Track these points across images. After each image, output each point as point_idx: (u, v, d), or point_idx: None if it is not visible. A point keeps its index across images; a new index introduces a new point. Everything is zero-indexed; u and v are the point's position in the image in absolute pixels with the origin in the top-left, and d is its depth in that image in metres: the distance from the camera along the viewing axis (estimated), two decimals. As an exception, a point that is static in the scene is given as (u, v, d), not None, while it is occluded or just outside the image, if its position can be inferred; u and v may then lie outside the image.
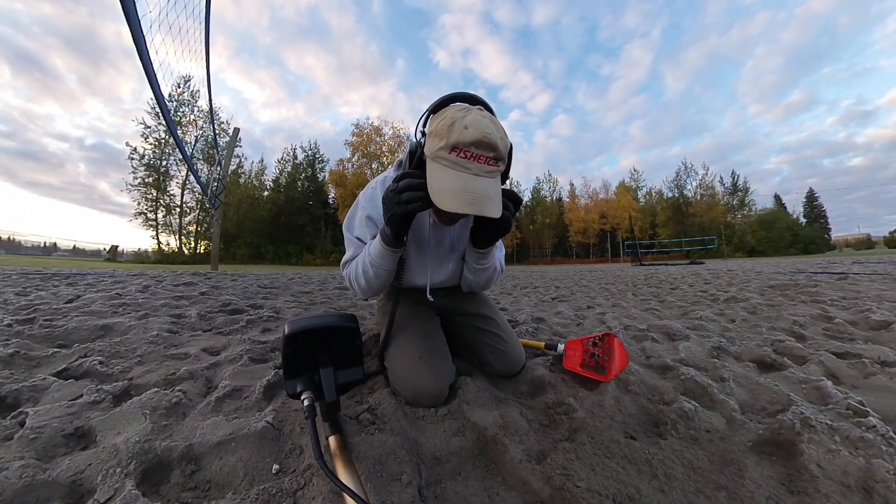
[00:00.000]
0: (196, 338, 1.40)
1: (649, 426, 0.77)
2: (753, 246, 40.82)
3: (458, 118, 0.73)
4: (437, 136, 0.75)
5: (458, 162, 0.73)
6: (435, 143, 0.75)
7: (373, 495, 0.53)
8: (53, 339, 1.28)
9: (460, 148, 0.72)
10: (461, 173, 0.73)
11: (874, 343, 1.31)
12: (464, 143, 0.71)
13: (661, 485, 0.57)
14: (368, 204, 0.99)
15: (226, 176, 10.67)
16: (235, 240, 35.52)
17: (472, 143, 0.71)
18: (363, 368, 0.72)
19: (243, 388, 0.89)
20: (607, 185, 51.26)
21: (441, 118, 0.76)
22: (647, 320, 1.89)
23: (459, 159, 0.72)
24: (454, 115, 0.74)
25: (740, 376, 0.99)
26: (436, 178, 0.75)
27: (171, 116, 4.81)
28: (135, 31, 2.85)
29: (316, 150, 43.85)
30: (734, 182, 46.80)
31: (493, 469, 0.63)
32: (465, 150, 0.72)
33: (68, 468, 0.56)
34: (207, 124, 30.83)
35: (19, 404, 0.79)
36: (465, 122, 0.72)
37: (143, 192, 32.34)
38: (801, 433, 0.65)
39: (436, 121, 0.78)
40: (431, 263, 1.03)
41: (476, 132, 0.71)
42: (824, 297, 2.45)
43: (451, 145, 0.72)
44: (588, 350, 1.01)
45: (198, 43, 5.68)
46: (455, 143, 0.71)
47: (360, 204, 1.02)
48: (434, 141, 0.75)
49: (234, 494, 0.54)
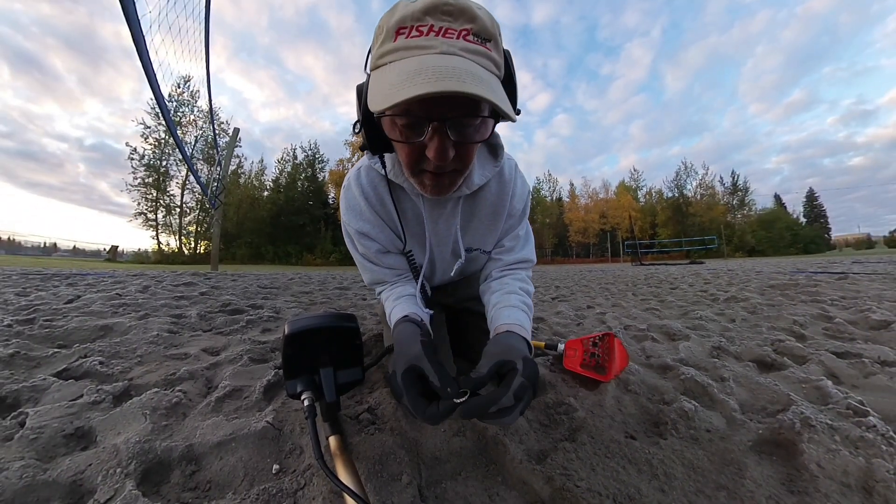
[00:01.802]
0: (196, 338, 1.40)
1: (649, 426, 0.77)
2: (753, 246, 40.85)
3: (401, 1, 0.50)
4: (376, 38, 0.53)
5: (408, 44, 0.48)
6: (375, 50, 0.53)
7: (373, 495, 0.53)
8: (53, 340, 1.28)
9: (409, 24, 0.48)
10: (417, 56, 0.48)
11: (874, 343, 1.31)
12: (412, 16, 0.48)
13: (661, 484, 0.57)
14: (351, 217, 0.82)
15: (226, 176, 10.67)
16: (235, 240, 35.57)
17: (425, 10, 0.47)
18: (363, 368, 0.72)
19: (243, 389, 0.89)
20: (607, 185, 51.44)
21: (377, 28, 0.54)
22: (647, 320, 1.89)
23: (409, 40, 0.48)
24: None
25: (740, 376, 0.99)
26: (376, 82, 0.51)
27: (170, 116, 4.81)
28: (134, 31, 2.85)
29: (316, 150, 43.96)
30: (734, 182, 46.88)
31: (493, 469, 0.63)
32: (416, 26, 0.48)
33: (68, 468, 0.56)
34: (207, 124, 30.87)
35: (19, 404, 0.79)
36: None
37: (143, 192, 32.42)
38: (801, 433, 0.65)
39: (374, 39, 0.55)
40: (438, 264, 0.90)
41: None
42: (824, 296, 2.45)
43: (395, 27, 0.49)
44: (588, 350, 1.01)
45: (198, 43, 5.69)
46: (399, 22, 0.48)
47: (343, 218, 0.85)
48: (375, 49, 0.53)
49: (235, 494, 0.54)
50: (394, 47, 0.49)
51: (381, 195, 0.79)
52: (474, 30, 0.49)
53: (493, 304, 0.81)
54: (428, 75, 0.44)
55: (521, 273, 0.90)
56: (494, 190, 0.82)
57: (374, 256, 0.85)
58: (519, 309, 0.77)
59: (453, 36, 0.48)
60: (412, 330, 0.67)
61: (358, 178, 0.79)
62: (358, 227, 0.81)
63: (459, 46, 0.48)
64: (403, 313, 0.76)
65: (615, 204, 46.41)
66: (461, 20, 0.48)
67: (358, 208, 0.80)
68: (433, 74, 0.44)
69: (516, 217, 0.88)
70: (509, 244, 0.90)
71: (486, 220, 0.85)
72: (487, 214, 0.84)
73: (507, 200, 0.84)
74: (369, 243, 0.82)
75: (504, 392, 0.50)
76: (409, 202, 0.79)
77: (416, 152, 0.56)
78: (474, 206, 0.82)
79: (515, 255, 0.90)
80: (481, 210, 0.83)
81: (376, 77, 0.52)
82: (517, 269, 0.90)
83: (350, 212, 0.81)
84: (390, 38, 0.49)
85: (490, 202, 0.83)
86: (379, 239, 0.83)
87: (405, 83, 0.45)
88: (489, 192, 0.82)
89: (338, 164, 36.32)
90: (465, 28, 0.48)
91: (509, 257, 0.90)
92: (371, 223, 0.81)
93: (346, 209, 0.82)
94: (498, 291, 0.83)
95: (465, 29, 0.48)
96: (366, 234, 0.81)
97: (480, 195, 0.81)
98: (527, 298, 0.83)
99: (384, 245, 0.84)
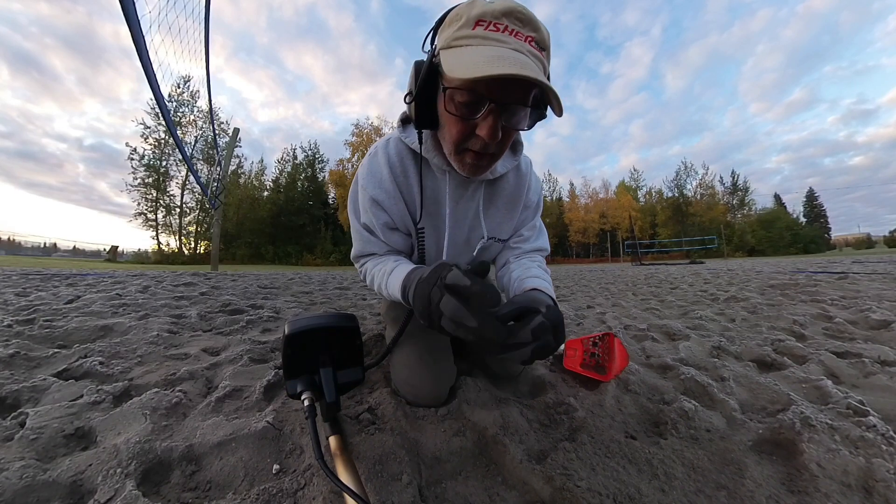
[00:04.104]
0: (196, 338, 1.40)
1: (649, 426, 0.77)
2: (753, 245, 40.86)
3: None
4: (452, 22, 0.59)
5: (487, 35, 0.55)
6: (448, 32, 0.59)
7: (373, 495, 0.53)
8: (53, 340, 1.28)
9: (487, 20, 0.55)
10: (494, 46, 0.55)
11: (874, 342, 1.31)
12: (492, 13, 0.55)
13: (661, 484, 0.57)
14: (370, 182, 0.81)
15: (225, 176, 10.67)
16: (235, 240, 35.58)
17: (503, 12, 0.55)
18: (364, 368, 0.72)
19: (243, 389, 0.89)
20: (607, 185, 51.45)
21: (452, 14, 0.60)
22: (647, 320, 1.89)
23: (489, 32, 0.55)
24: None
25: (740, 376, 0.99)
26: (455, 57, 0.57)
27: (170, 117, 4.80)
28: (134, 31, 2.85)
29: (315, 150, 43.99)
30: (734, 181, 46.91)
31: (493, 469, 0.63)
32: (494, 22, 0.55)
33: (69, 469, 0.56)
34: (207, 124, 30.87)
35: (19, 405, 0.79)
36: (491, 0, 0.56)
37: (143, 192, 32.43)
38: (801, 432, 0.65)
39: (446, 22, 0.62)
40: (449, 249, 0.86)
41: (508, 3, 0.56)
42: (824, 296, 2.44)
43: (475, 18, 0.56)
44: (588, 350, 1.01)
45: (197, 43, 5.69)
46: (480, 16, 0.56)
47: (360, 182, 0.84)
48: (446, 31, 0.59)
49: (235, 495, 0.54)
50: (473, 34, 0.56)
51: (406, 167, 0.81)
52: (536, 38, 0.58)
53: (514, 279, 0.84)
54: (510, 61, 0.52)
55: (538, 257, 0.96)
56: (512, 181, 0.89)
57: (377, 229, 0.83)
58: (542, 279, 0.80)
59: (522, 39, 0.56)
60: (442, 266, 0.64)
61: (386, 147, 0.81)
62: (373, 195, 0.80)
63: (526, 49, 0.56)
64: (413, 266, 0.75)
65: (615, 204, 46.42)
66: (528, 28, 0.57)
67: (379, 175, 0.80)
68: (514, 62, 0.52)
69: (531, 209, 0.96)
70: (527, 234, 0.97)
71: (504, 209, 0.90)
72: (505, 203, 0.90)
73: (524, 192, 0.91)
74: (379, 213, 0.81)
75: (522, 326, 0.52)
76: (433, 179, 0.82)
77: (467, 129, 0.62)
78: (493, 193, 0.88)
79: (532, 243, 0.97)
80: (500, 198, 0.89)
81: (454, 53, 0.58)
82: (534, 255, 0.97)
83: (370, 177, 0.81)
84: (469, 25, 0.56)
85: (508, 192, 0.89)
86: (390, 211, 0.82)
87: (490, 62, 0.52)
88: (507, 183, 0.89)
89: (338, 164, 36.27)
90: (531, 35, 0.57)
91: (527, 245, 0.97)
92: (388, 193, 0.80)
93: (367, 174, 0.82)
94: (518, 269, 0.87)
95: (531, 36, 0.57)
96: (379, 202, 0.81)
97: (499, 184, 0.88)
98: (547, 276, 0.85)
99: (392, 219, 0.83)
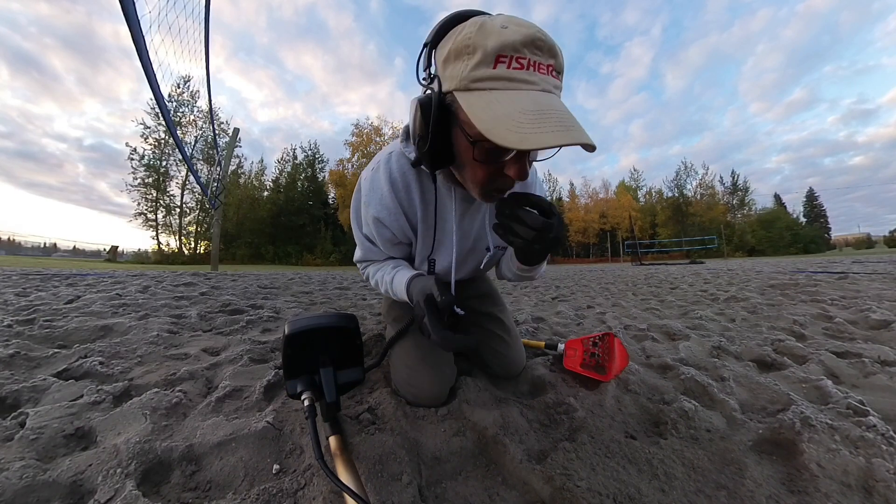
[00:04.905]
0: (196, 338, 1.40)
1: (649, 426, 0.77)
2: (753, 245, 40.85)
3: (486, 21, 0.51)
4: (461, 54, 0.51)
5: (513, 76, 0.48)
6: (461, 67, 0.51)
7: (373, 495, 0.53)
8: (53, 340, 1.28)
9: (509, 54, 0.48)
10: (524, 91, 0.49)
11: (874, 342, 1.31)
12: (512, 46, 0.48)
13: (661, 484, 0.57)
14: (371, 199, 0.80)
15: (225, 176, 10.68)
16: (235, 240, 35.56)
17: (523, 43, 0.48)
18: (363, 368, 0.72)
19: (243, 389, 0.89)
20: (607, 185, 51.47)
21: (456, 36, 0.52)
22: (647, 320, 1.89)
23: (514, 72, 0.48)
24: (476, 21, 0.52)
25: (740, 376, 0.99)
26: (486, 110, 0.49)
27: (170, 117, 4.80)
28: (134, 31, 2.85)
29: (315, 150, 43.97)
30: (734, 181, 46.90)
31: (493, 469, 0.63)
32: (517, 58, 0.48)
33: (69, 469, 0.56)
34: (207, 124, 30.87)
35: (20, 405, 0.79)
36: (498, 22, 0.50)
37: (143, 192, 32.41)
38: (801, 432, 0.65)
39: (447, 44, 0.54)
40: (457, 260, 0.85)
41: (524, 29, 0.49)
42: (824, 296, 2.44)
43: (495, 53, 0.48)
44: (588, 350, 1.01)
45: (197, 43, 5.69)
46: (499, 50, 0.48)
47: (362, 197, 0.83)
48: (458, 66, 0.52)
49: (235, 495, 0.54)
50: (496, 74, 0.49)
51: (408, 182, 0.79)
52: (555, 65, 0.52)
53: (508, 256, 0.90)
54: (553, 120, 0.47)
55: None
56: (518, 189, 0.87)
57: (379, 242, 0.85)
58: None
59: (544, 72, 0.51)
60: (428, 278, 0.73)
61: (388, 162, 0.78)
62: (376, 213, 0.80)
63: (552, 84, 0.51)
64: (413, 273, 0.80)
65: (615, 204, 46.43)
66: (547, 55, 0.51)
67: (380, 192, 0.79)
68: (557, 123, 0.47)
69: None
70: None
71: None
72: None
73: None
74: (382, 230, 0.82)
75: (531, 214, 0.60)
76: (438, 194, 0.80)
77: (495, 171, 0.59)
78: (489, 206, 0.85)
79: None
80: None
81: (479, 101, 0.51)
82: None
83: (372, 194, 0.80)
84: (488, 63, 0.49)
85: None
86: (392, 227, 0.82)
87: (534, 125, 0.46)
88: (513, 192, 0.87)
89: (338, 164, 36.20)
90: (550, 63, 0.51)
91: None
92: (389, 210, 0.79)
93: (369, 190, 0.81)
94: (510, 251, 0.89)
95: (550, 64, 0.51)
96: (381, 220, 0.81)
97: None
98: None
99: (395, 234, 0.84)
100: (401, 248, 0.90)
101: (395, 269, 0.86)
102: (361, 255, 0.93)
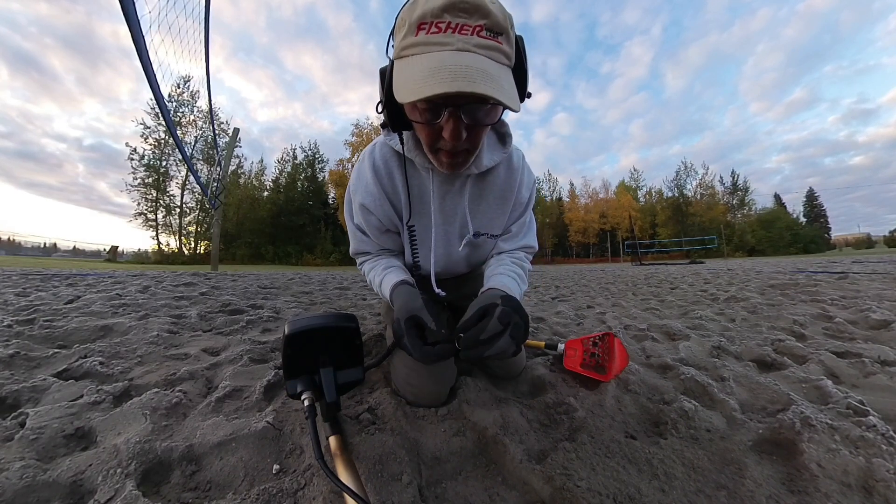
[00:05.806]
0: (196, 338, 1.40)
1: (649, 426, 0.77)
2: (753, 245, 40.85)
3: None
4: (400, 29, 0.56)
5: (429, 40, 0.52)
6: (398, 40, 0.57)
7: (373, 495, 0.53)
8: (53, 340, 1.28)
9: (428, 21, 0.52)
10: (435, 52, 0.52)
11: (874, 342, 1.31)
12: (431, 12, 0.51)
13: (661, 484, 0.57)
14: (358, 188, 0.86)
15: (225, 176, 10.67)
16: (235, 240, 35.57)
17: (443, 8, 0.50)
18: (364, 369, 0.73)
19: (243, 389, 0.89)
20: (607, 185, 51.47)
21: (399, 18, 0.58)
22: (647, 320, 1.89)
23: (430, 36, 0.52)
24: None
25: (740, 376, 0.99)
26: (400, 74, 0.55)
27: (170, 117, 4.80)
28: (134, 31, 2.85)
29: (315, 150, 43.99)
30: (734, 181, 46.92)
31: (493, 469, 0.63)
32: (436, 22, 0.51)
33: (69, 469, 0.56)
34: (207, 124, 30.86)
35: (20, 405, 0.79)
36: None
37: (143, 192, 32.43)
38: (801, 432, 0.65)
39: (396, 26, 0.59)
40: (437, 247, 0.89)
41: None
42: (824, 296, 2.44)
43: (417, 22, 0.52)
44: (588, 350, 1.01)
45: (197, 43, 5.69)
46: (420, 18, 0.52)
47: (350, 188, 0.90)
48: (397, 39, 0.57)
49: (235, 495, 0.54)
50: (415, 42, 0.53)
51: (391, 170, 0.84)
52: (487, 25, 0.52)
53: (485, 278, 0.88)
54: (444, 75, 0.49)
55: (519, 254, 0.97)
56: (503, 175, 0.88)
57: (368, 231, 0.90)
58: (506, 276, 0.84)
59: (468, 32, 0.51)
60: (413, 290, 0.76)
61: (372, 153, 0.84)
62: (361, 201, 0.85)
63: (473, 43, 0.52)
64: (400, 278, 0.84)
65: (615, 204, 46.44)
66: (475, 16, 0.51)
67: (365, 180, 0.84)
68: (448, 74, 0.49)
69: (523, 206, 0.95)
70: (515, 230, 0.97)
71: (495, 204, 0.90)
72: (496, 198, 0.90)
73: (515, 187, 0.90)
74: (369, 217, 0.87)
75: (489, 320, 0.62)
76: (419, 178, 0.84)
77: (434, 133, 0.64)
78: (483, 188, 0.87)
79: (518, 241, 0.99)
80: (490, 193, 0.88)
81: (400, 67, 0.56)
82: (515, 253, 0.98)
83: (358, 183, 0.86)
84: (412, 31, 0.53)
85: (499, 186, 0.89)
86: (378, 214, 0.86)
87: (427, 80, 0.50)
88: (497, 177, 0.88)
89: (337, 164, 36.23)
90: (479, 24, 0.52)
91: (511, 244, 0.98)
92: (373, 197, 0.84)
93: (355, 180, 0.87)
94: (488, 269, 0.92)
95: (479, 25, 0.52)
96: (367, 207, 0.85)
97: (489, 178, 0.87)
98: (517, 269, 0.89)
99: (382, 221, 0.88)
100: (389, 236, 0.93)
101: (385, 271, 0.89)
102: (355, 246, 0.96)
